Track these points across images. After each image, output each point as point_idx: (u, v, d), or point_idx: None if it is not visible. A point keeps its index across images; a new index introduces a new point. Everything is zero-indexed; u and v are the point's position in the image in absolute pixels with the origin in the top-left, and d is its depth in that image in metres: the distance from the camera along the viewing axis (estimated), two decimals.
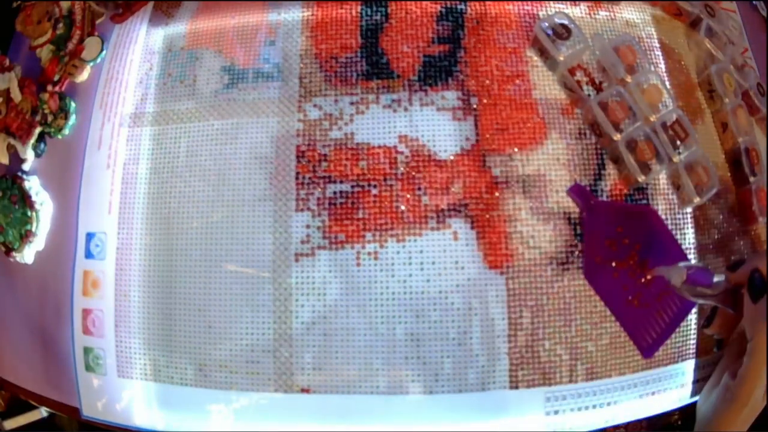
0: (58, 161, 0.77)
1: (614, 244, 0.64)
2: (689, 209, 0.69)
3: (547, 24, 0.69)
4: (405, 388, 0.65)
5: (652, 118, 0.67)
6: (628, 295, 0.62)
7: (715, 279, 0.54)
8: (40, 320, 0.76)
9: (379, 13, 0.71)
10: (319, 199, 0.66)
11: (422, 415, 0.65)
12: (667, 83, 0.71)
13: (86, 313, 0.72)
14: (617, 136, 0.66)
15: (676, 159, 0.67)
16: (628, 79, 0.68)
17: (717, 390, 0.53)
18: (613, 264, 0.63)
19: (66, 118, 0.76)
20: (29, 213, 0.76)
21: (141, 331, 0.70)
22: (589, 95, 0.68)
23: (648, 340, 0.63)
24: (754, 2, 0.85)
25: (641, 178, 0.66)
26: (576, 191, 0.65)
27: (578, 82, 0.68)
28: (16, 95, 0.81)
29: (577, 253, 0.65)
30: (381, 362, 0.65)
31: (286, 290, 0.66)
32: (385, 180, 0.66)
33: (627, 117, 0.66)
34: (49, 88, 0.78)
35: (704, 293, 0.54)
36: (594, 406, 0.66)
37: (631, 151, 0.66)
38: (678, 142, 0.67)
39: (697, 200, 0.67)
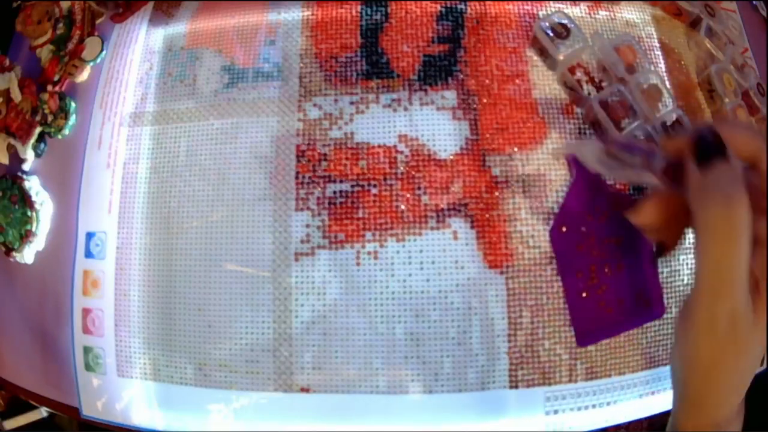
0: (58, 161, 0.77)
1: (591, 220, 0.63)
2: None
3: (546, 23, 0.69)
4: (405, 387, 0.65)
5: (653, 118, 0.67)
6: (584, 275, 0.62)
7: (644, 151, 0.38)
8: (40, 320, 0.76)
9: (379, 13, 0.71)
10: (318, 198, 0.66)
11: (422, 415, 0.65)
12: (667, 83, 0.71)
13: (86, 312, 0.72)
14: (618, 135, 0.66)
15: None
16: (629, 78, 0.68)
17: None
18: (583, 232, 0.62)
19: (66, 118, 0.76)
20: (29, 213, 0.76)
21: (141, 330, 0.70)
22: (589, 94, 0.68)
23: (588, 327, 0.63)
24: (754, 2, 0.85)
25: None
26: (575, 159, 0.65)
27: (578, 81, 0.68)
28: (16, 95, 0.81)
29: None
30: (381, 362, 0.65)
31: (285, 290, 0.66)
32: (385, 179, 0.66)
33: (628, 116, 0.66)
34: (49, 88, 0.78)
35: (627, 163, 0.38)
36: (594, 406, 0.66)
37: None
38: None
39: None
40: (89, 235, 0.73)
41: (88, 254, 0.72)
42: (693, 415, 0.37)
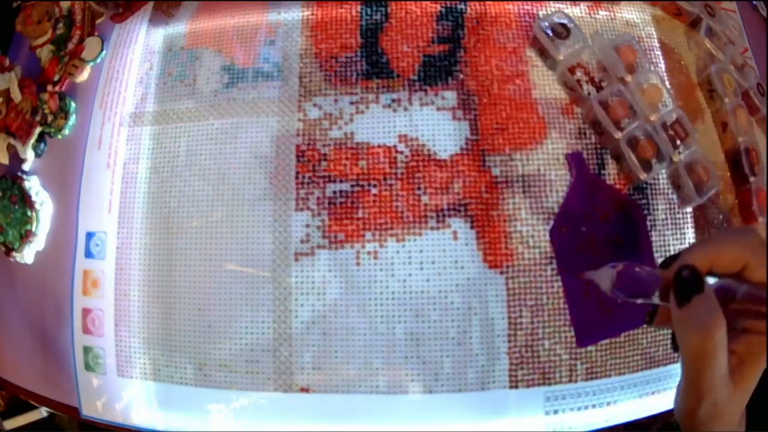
0: (58, 161, 0.77)
1: (591, 220, 0.63)
2: (689, 209, 0.69)
3: (546, 23, 0.69)
4: (405, 387, 0.65)
5: (653, 118, 0.67)
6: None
7: (647, 278, 0.45)
8: (40, 320, 0.76)
9: (379, 13, 0.71)
10: (318, 198, 0.66)
11: (422, 415, 0.65)
12: (667, 83, 0.71)
13: (86, 312, 0.72)
14: (618, 134, 0.66)
15: (676, 158, 0.67)
16: (629, 78, 0.68)
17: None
18: (583, 233, 0.62)
19: (66, 118, 0.76)
20: (29, 213, 0.76)
21: (141, 330, 0.70)
22: (589, 94, 0.68)
23: (588, 328, 0.63)
24: (754, 2, 0.85)
25: (643, 176, 0.66)
26: (575, 159, 0.65)
27: (578, 81, 0.68)
28: (16, 95, 0.81)
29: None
30: (381, 362, 0.65)
31: (285, 290, 0.66)
32: (384, 179, 0.66)
33: (627, 115, 0.66)
34: (49, 88, 0.78)
35: (637, 294, 0.45)
36: (594, 406, 0.66)
37: (632, 148, 0.66)
38: (678, 142, 0.67)
39: (697, 200, 0.67)
40: (89, 235, 0.73)
41: (88, 254, 0.72)
42: None
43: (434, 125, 0.67)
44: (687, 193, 0.67)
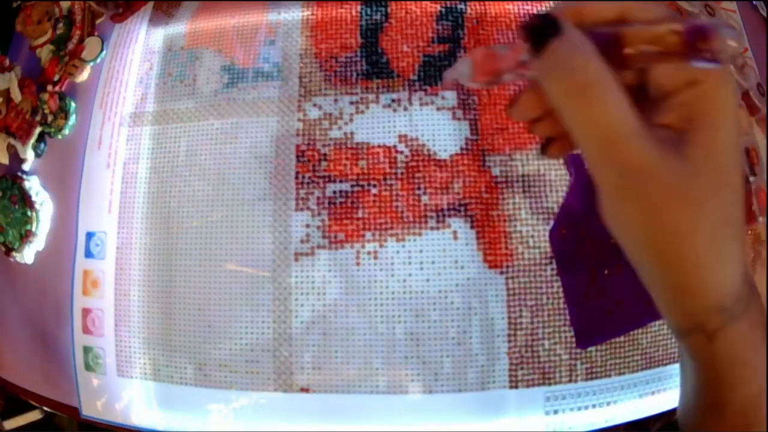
0: (58, 161, 0.77)
1: (591, 221, 0.63)
2: None
3: None
4: (405, 387, 0.65)
5: None
6: (584, 277, 0.62)
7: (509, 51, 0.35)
8: (40, 320, 0.76)
9: (379, 13, 0.71)
10: (318, 198, 0.66)
11: (422, 415, 0.65)
12: None
13: (86, 312, 0.72)
14: None
15: None
16: None
17: None
18: (582, 234, 0.62)
19: (66, 118, 0.76)
20: (29, 213, 0.76)
21: (141, 330, 0.70)
22: None
23: (589, 329, 0.63)
24: (754, 2, 0.85)
25: None
26: (574, 160, 0.65)
27: None
28: (16, 95, 0.81)
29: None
30: (381, 362, 0.65)
31: (285, 290, 0.66)
32: (384, 179, 0.66)
33: None
34: (49, 88, 0.78)
35: (501, 71, 0.35)
36: (594, 406, 0.66)
37: None
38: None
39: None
40: (89, 235, 0.73)
41: (88, 254, 0.72)
42: (680, 304, 0.31)
43: (434, 125, 0.67)
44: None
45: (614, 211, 0.31)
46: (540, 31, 0.29)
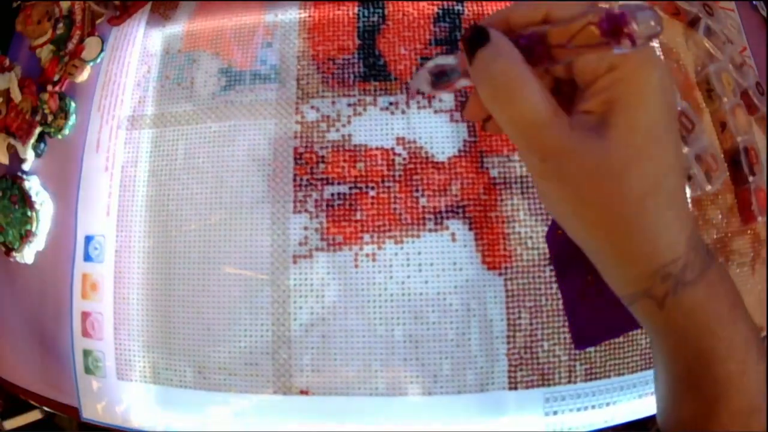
0: (58, 161, 0.77)
1: None
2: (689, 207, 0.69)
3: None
4: (404, 389, 0.65)
5: None
6: (580, 279, 0.62)
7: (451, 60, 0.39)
8: (40, 322, 0.76)
9: (376, 15, 0.71)
10: (316, 201, 0.66)
11: (421, 417, 0.65)
12: None
13: (85, 315, 0.72)
14: None
15: (685, 150, 0.67)
16: None
17: None
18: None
19: (66, 118, 0.76)
20: (29, 213, 0.76)
21: (140, 333, 0.70)
22: None
23: (586, 331, 0.63)
24: (753, 2, 0.85)
25: None
26: None
27: None
28: (16, 95, 0.81)
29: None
30: (380, 364, 0.65)
31: (284, 292, 0.66)
32: (382, 182, 0.66)
33: None
34: (49, 88, 0.78)
35: (450, 80, 0.38)
36: (593, 407, 0.66)
37: None
38: (685, 134, 0.67)
39: (708, 188, 0.67)
40: (88, 239, 0.73)
41: (87, 257, 0.72)
42: (621, 273, 0.33)
43: (432, 127, 0.67)
44: (699, 182, 0.67)
45: (542, 192, 0.34)
46: (472, 42, 0.32)
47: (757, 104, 0.75)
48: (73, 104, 0.77)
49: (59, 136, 0.77)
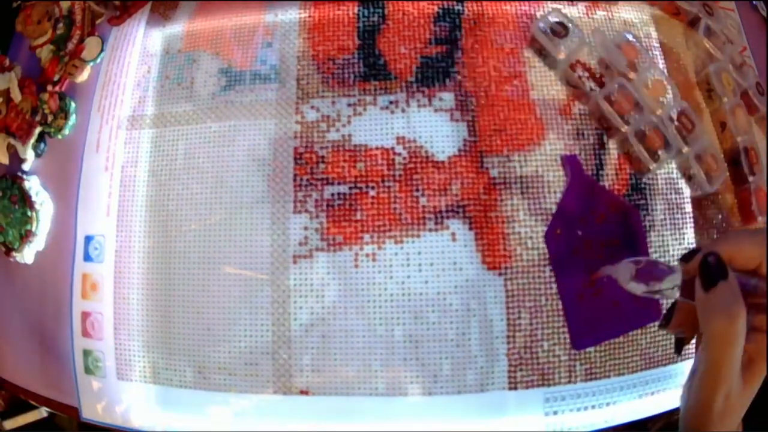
0: (58, 161, 0.77)
1: (587, 222, 0.64)
2: (688, 209, 0.69)
3: (543, 24, 0.68)
4: (404, 389, 0.65)
5: (658, 112, 0.67)
6: (579, 278, 0.62)
7: (668, 273, 0.45)
8: (40, 322, 0.76)
9: (376, 15, 0.71)
10: (316, 200, 0.66)
11: (421, 417, 0.65)
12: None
13: (85, 315, 0.72)
14: (625, 128, 0.66)
15: (685, 150, 0.67)
16: (631, 75, 0.67)
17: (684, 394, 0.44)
18: (578, 235, 0.62)
19: (66, 117, 0.76)
20: (29, 213, 0.76)
21: (140, 333, 0.70)
22: (592, 90, 0.68)
23: (584, 330, 0.63)
24: (753, 2, 0.85)
25: (652, 166, 0.66)
26: (570, 161, 0.65)
27: (579, 78, 0.68)
28: (16, 95, 0.81)
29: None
30: (380, 364, 0.65)
31: (284, 292, 0.66)
32: (382, 181, 0.66)
33: (632, 109, 0.66)
34: (49, 88, 0.78)
35: (657, 289, 0.46)
36: (593, 407, 0.66)
37: (640, 140, 0.66)
38: (685, 134, 0.67)
39: (708, 188, 0.68)
40: (88, 238, 0.73)
41: (87, 257, 0.72)
42: None
43: (432, 127, 0.67)
44: (699, 182, 0.68)
45: (694, 401, 0.42)
46: (713, 271, 0.41)
47: (757, 104, 0.75)
48: (73, 104, 0.77)
49: (59, 136, 0.77)
